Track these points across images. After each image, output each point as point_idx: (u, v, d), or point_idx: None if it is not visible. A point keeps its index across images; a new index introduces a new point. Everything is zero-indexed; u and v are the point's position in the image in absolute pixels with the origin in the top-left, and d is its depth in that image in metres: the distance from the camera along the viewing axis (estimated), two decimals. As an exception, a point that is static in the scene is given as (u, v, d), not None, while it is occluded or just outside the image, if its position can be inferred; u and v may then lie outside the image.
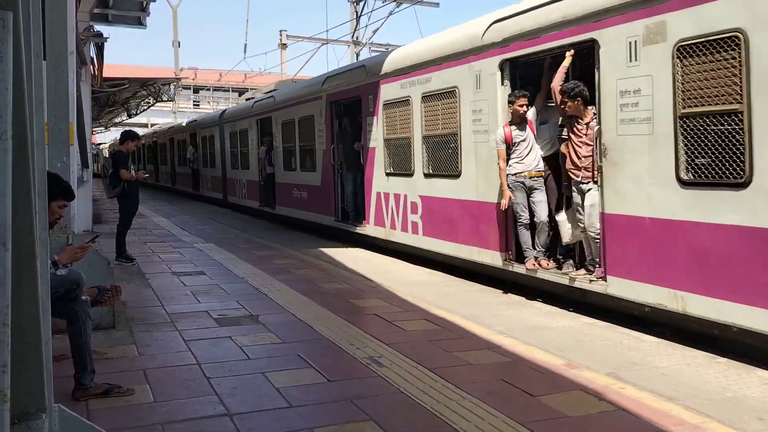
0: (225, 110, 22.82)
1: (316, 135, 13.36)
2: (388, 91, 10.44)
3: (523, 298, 7.46)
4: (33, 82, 2.20)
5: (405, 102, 9.91)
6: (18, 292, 1.85)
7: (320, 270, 9.14)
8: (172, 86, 26.92)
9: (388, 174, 10.68)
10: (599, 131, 6.36)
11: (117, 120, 41.33)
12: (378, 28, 23.28)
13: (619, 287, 6.16)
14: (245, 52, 70.54)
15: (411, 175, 9.92)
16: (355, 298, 7.25)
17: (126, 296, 7.08)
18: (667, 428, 3.69)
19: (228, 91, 57.66)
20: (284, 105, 15.33)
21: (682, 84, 5.49)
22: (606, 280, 6.30)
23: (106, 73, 17.39)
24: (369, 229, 11.33)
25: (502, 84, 7.86)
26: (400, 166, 10.29)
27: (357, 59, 23.27)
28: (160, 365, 4.97)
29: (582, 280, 6.67)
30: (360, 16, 23.77)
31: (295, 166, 14.88)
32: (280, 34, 26.55)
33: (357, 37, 24.17)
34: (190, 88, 56.03)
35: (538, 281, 7.32)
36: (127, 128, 11.67)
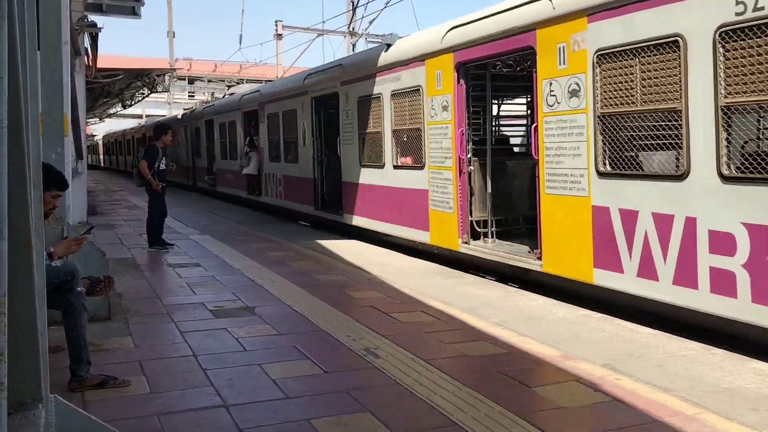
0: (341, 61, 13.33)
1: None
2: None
3: (520, 290, 7.47)
4: (28, 71, 2.18)
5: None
6: (14, 282, 1.84)
7: (316, 262, 9.14)
8: (166, 77, 26.77)
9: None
10: None
11: (111, 111, 41.11)
12: (374, 19, 23.19)
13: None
14: (240, 42, 70.35)
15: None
16: (351, 290, 7.25)
17: (121, 288, 7.07)
18: (663, 419, 3.71)
19: (223, 81, 57.42)
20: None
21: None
22: None
23: (100, 64, 17.27)
24: None
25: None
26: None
27: (353, 50, 23.18)
28: (156, 357, 4.97)
29: None
30: (356, 6, 23.67)
31: None
32: (276, 25, 26.43)
33: (353, 28, 24.07)
34: (185, 79, 55.80)
35: None
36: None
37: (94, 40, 15.22)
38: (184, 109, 30.51)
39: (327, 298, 6.78)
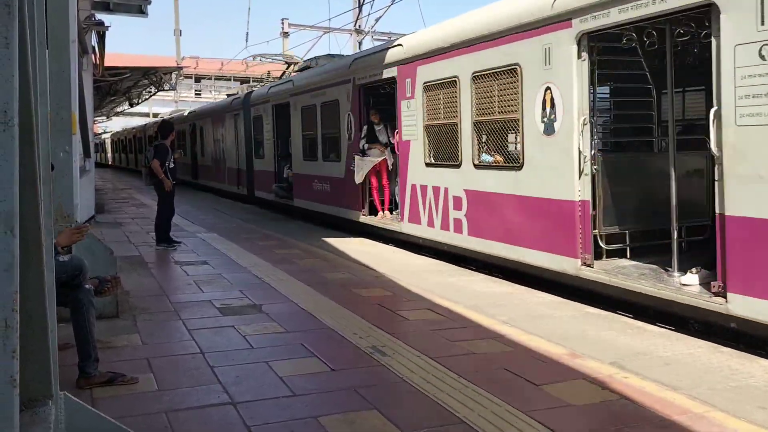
0: None
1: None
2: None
3: (527, 288, 7.45)
4: (37, 69, 2.19)
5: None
6: (25, 279, 1.85)
7: (323, 260, 9.14)
8: (173, 75, 26.82)
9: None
10: None
11: (119, 109, 41.23)
12: (380, 17, 23.19)
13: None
14: (247, 40, 70.35)
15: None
16: (357, 288, 7.26)
17: (129, 285, 7.10)
18: (671, 417, 3.70)
19: (230, 80, 57.57)
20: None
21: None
22: None
23: (107, 62, 17.34)
24: None
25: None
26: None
27: (359, 48, 23.17)
28: (164, 354, 4.99)
29: None
30: (362, 4, 23.69)
31: None
32: (282, 23, 26.46)
33: (359, 26, 24.08)
34: (191, 78, 55.93)
35: None
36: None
37: (101, 38, 15.29)
38: (228, 95, 25.69)
39: (334, 296, 6.79)
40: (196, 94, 59.21)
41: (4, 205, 1.58)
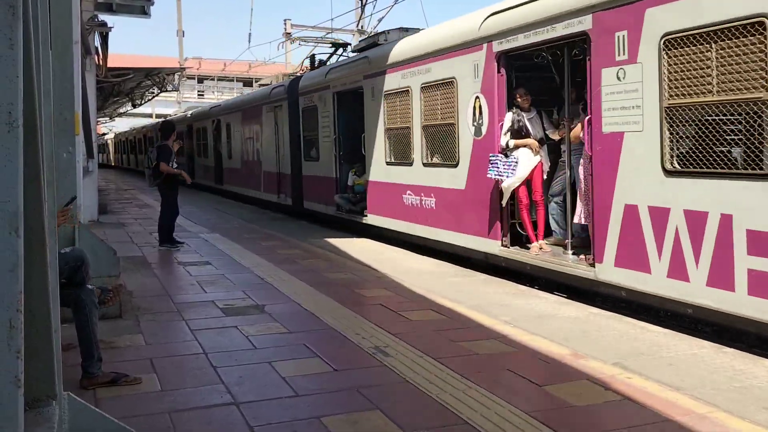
0: None
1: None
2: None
3: (530, 288, 7.45)
4: (41, 70, 2.20)
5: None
6: (29, 279, 1.85)
7: (325, 260, 9.15)
8: (176, 76, 26.90)
9: None
10: None
11: (122, 110, 41.32)
12: (383, 17, 23.19)
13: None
14: (249, 41, 70.53)
15: None
16: (360, 288, 7.26)
17: (132, 286, 7.11)
18: (674, 418, 3.70)
19: (232, 81, 57.70)
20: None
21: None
22: None
23: (110, 63, 17.40)
24: None
25: None
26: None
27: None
28: (167, 354, 4.99)
29: None
30: (365, 4, 23.68)
31: None
32: (285, 24, 26.48)
33: (362, 26, 24.08)
34: (194, 78, 56.08)
35: None
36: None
37: (104, 39, 15.34)
38: (261, 84, 21.91)
39: (336, 297, 6.79)
40: (198, 94, 59.33)
41: (9, 206, 1.59)
